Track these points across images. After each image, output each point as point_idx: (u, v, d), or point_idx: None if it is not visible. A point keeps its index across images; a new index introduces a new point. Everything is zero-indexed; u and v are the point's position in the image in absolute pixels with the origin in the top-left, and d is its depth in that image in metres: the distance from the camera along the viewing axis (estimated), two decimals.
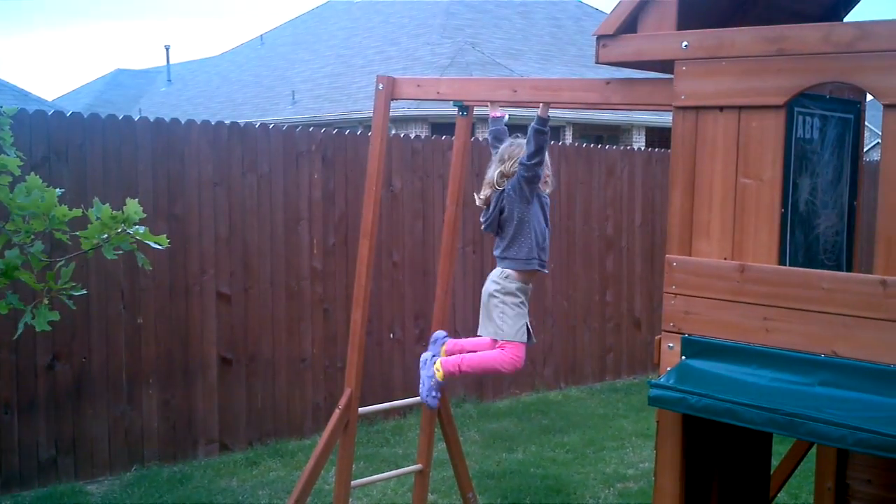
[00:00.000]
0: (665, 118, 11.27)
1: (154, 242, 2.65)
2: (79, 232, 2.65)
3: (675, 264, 3.10)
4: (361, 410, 4.47)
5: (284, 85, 22.52)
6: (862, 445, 2.53)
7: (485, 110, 4.32)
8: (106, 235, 2.62)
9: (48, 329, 2.65)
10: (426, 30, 21.35)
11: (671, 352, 3.10)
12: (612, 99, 3.55)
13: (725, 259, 2.99)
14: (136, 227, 2.63)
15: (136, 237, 2.64)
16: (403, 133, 9.61)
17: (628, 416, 8.00)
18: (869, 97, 3.13)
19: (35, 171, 2.79)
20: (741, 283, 2.93)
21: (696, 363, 3.01)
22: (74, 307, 2.80)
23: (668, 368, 3.06)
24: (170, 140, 6.53)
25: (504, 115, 4.25)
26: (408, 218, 7.80)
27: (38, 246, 2.65)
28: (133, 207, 2.61)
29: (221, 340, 6.77)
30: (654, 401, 2.96)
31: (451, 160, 4.59)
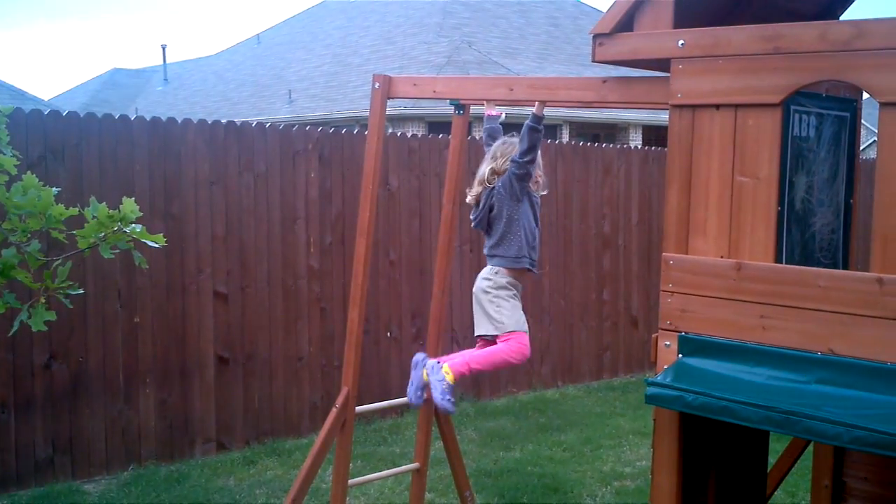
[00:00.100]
0: (662, 117, 11.27)
1: (151, 241, 2.65)
2: (76, 231, 2.65)
3: (671, 262, 3.11)
4: (358, 409, 4.47)
5: (281, 84, 22.51)
6: (858, 443, 2.54)
7: (482, 109, 4.30)
8: (103, 234, 2.62)
9: (44, 329, 2.65)
10: (423, 28, 21.35)
11: (668, 350, 3.10)
12: (608, 97, 3.55)
13: (722, 257, 3.00)
14: (132, 225, 2.63)
15: (133, 236, 2.64)
16: (400, 132, 9.61)
17: (625, 414, 8.01)
18: (865, 95, 3.14)
19: (31, 171, 2.79)
20: (738, 281, 2.94)
21: (693, 361, 3.02)
22: (71, 306, 2.80)
23: (665, 366, 3.06)
24: (166, 139, 6.53)
25: (500, 113, 4.24)
26: (405, 217, 7.80)
27: (34, 245, 2.65)
28: (129, 206, 2.62)
29: (218, 339, 6.77)
30: (650, 399, 2.96)
31: (447, 159, 4.59)
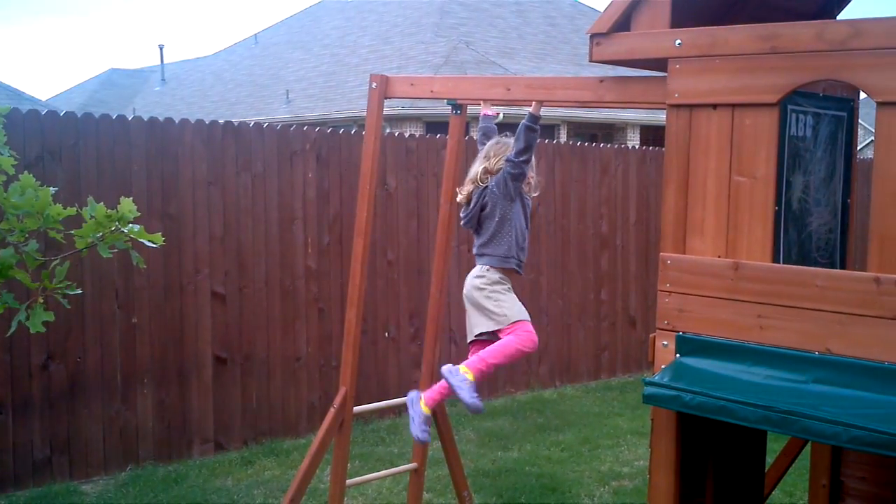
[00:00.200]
0: (659, 116, 11.27)
1: (149, 241, 2.65)
2: (73, 231, 2.64)
3: (669, 262, 3.11)
4: (356, 409, 4.47)
5: (278, 84, 22.51)
6: (856, 442, 2.54)
7: (479, 108, 4.30)
8: (101, 234, 2.62)
9: (42, 331, 2.65)
10: (420, 28, 21.36)
11: (666, 350, 3.10)
12: (605, 97, 3.56)
13: (719, 257, 3.00)
14: (130, 225, 2.63)
15: (131, 235, 2.64)
16: (398, 132, 9.62)
17: (623, 414, 8.01)
18: (862, 95, 3.14)
19: (29, 171, 2.79)
20: (735, 280, 2.94)
21: (691, 361, 3.02)
22: (69, 306, 2.80)
23: (663, 366, 3.06)
24: (164, 139, 6.52)
25: (497, 113, 4.24)
26: (402, 217, 7.80)
27: (32, 245, 2.65)
28: (127, 206, 2.61)
29: (216, 340, 6.76)
30: (648, 399, 2.96)
31: (445, 159, 4.59)
